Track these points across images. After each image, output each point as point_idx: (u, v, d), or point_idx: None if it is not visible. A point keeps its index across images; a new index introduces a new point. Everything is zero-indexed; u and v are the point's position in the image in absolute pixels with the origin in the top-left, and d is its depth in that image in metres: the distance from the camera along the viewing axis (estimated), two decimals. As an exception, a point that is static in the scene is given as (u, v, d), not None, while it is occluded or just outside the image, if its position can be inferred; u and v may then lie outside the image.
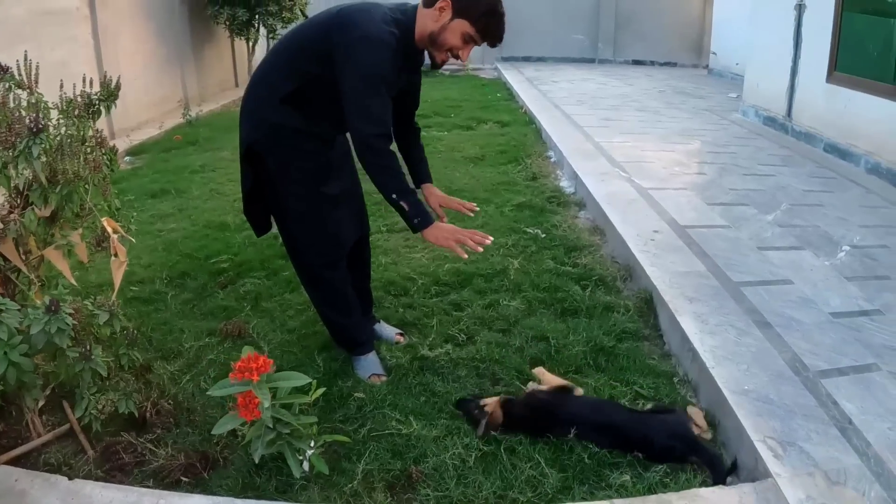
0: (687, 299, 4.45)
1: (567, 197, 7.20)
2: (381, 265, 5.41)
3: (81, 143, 3.29)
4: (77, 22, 10.76)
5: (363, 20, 3.29)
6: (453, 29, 3.35)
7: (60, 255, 3.25)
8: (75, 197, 3.15)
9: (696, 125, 11.01)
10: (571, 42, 22.27)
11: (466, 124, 11.50)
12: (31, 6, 9.57)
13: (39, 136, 2.94)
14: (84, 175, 3.14)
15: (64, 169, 3.06)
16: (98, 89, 3.63)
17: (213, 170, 8.94)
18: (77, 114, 3.44)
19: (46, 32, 9.61)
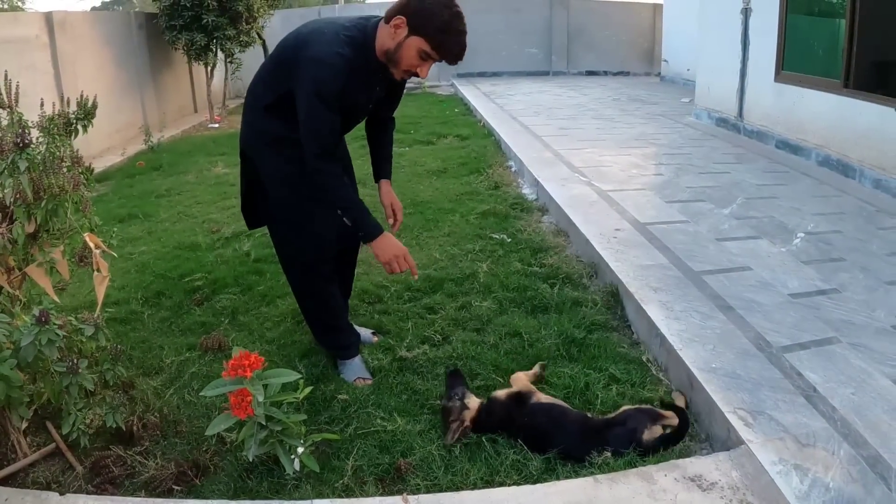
0: (652, 289, 4.61)
1: (530, 203, 7.35)
2: (354, 275, 5.51)
3: (60, 162, 3.36)
4: (36, 49, 10.82)
5: (315, 41, 3.39)
6: (409, 46, 3.36)
7: (43, 273, 3.28)
8: (60, 211, 3.19)
9: (651, 130, 11.26)
10: (526, 56, 22.58)
11: (427, 139, 11.67)
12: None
13: (25, 150, 3.02)
14: (69, 189, 3.20)
15: (49, 184, 3.12)
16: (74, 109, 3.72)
17: (179, 193, 9.04)
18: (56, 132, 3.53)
19: (5, 60, 9.44)
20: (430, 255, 5.90)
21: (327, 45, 3.35)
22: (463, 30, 3.36)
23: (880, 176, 7.29)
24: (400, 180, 8.54)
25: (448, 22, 3.30)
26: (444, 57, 3.40)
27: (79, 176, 3.45)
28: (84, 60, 12.39)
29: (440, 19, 3.29)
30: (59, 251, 3.38)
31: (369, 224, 3.57)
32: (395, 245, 3.60)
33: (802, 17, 9.36)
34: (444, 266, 5.61)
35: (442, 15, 3.29)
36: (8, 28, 10.44)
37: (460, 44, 3.38)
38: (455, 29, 3.33)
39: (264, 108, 3.63)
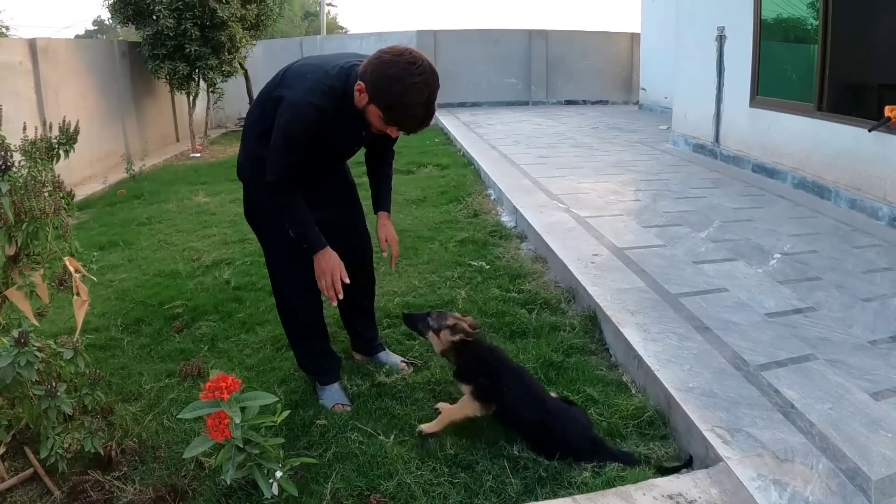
0: (629, 312, 4.64)
1: (508, 231, 7.38)
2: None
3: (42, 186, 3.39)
4: (19, 76, 10.92)
5: (297, 86, 3.47)
6: (371, 112, 3.35)
7: (23, 296, 3.29)
8: (41, 234, 3.22)
9: (628, 157, 11.36)
10: (505, 86, 22.75)
11: (407, 169, 11.72)
12: None
13: (7, 173, 3.04)
14: (49, 213, 3.21)
15: (30, 206, 3.14)
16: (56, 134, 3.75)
17: (160, 221, 9.10)
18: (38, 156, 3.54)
19: None
20: (409, 282, 5.91)
21: (304, 92, 3.40)
22: (418, 102, 3.25)
23: (855, 196, 7.37)
24: (379, 209, 8.60)
25: (399, 96, 3.23)
26: (401, 129, 3.41)
27: (60, 200, 3.47)
28: (67, 88, 12.48)
29: (392, 95, 3.24)
30: (39, 275, 3.40)
31: (312, 239, 3.61)
32: (330, 262, 3.61)
33: (776, 43, 9.50)
34: (423, 293, 5.62)
35: (394, 90, 3.22)
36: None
37: (415, 118, 3.31)
38: (408, 104, 3.25)
39: (260, 132, 3.67)
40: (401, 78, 3.21)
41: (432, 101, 3.30)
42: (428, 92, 3.25)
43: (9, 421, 3.15)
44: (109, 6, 15.56)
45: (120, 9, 15.35)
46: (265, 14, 17.04)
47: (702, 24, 11.15)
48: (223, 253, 7.10)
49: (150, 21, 15.09)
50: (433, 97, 3.29)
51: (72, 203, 3.73)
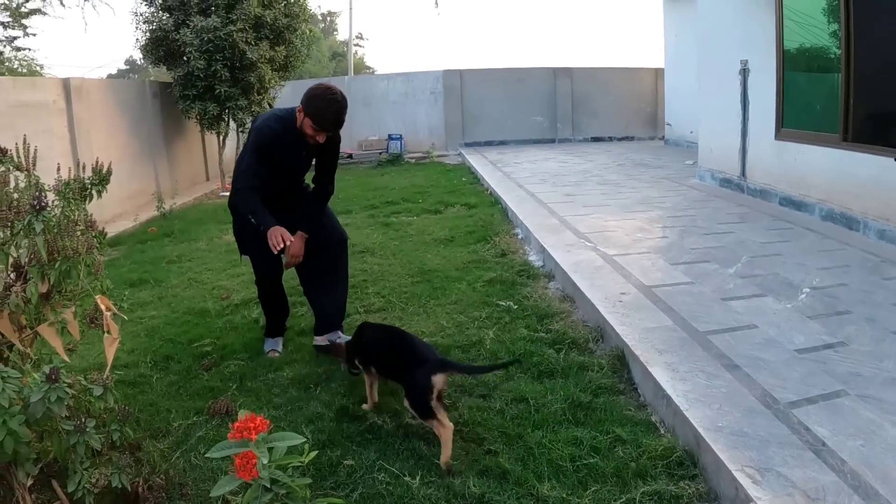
0: (657, 352, 4.62)
1: (536, 270, 7.38)
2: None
3: (75, 225, 3.44)
4: (53, 115, 11.11)
5: (260, 117, 5.37)
6: (305, 124, 4.95)
7: (54, 333, 3.33)
8: (73, 273, 3.27)
9: (655, 193, 11.34)
10: (531, 124, 22.79)
11: (434, 208, 11.79)
12: (8, 98, 9.95)
13: (42, 213, 3.11)
14: (82, 252, 3.27)
15: (63, 246, 3.20)
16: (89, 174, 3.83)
17: (190, 259, 9.20)
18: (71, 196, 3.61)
19: (22, 124, 9.84)
20: (437, 322, 5.93)
21: (263, 120, 5.22)
22: (331, 110, 4.88)
23: (884, 227, 7.34)
24: (407, 249, 8.67)
25: (321, 109, 4.87)
26: (323, 129, 4.95)
27: (92, 239, 3.53)
28: (99, 126, 12.69)
29: (315, 106, 4.87)
30: (71, 312, 3.45)
31: (264, 221, 4.96)
32: (276, 230, 4.90)
33: (800, 73, 9.48)
34: (451, 333, 5.64)
35: (316, 103, 4.87)
36: (27, 93, 10.73)
37: (328, 120, 4.91)
38: (325, 109, 4.87)
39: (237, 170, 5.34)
40: (321, 96, 4.88)
41: (341, 113, 4.93)
42: (337, 106, 4.89)
43: (37, 454, 3.17)
44: (141, 47, 15.81)
45: (151, 50, 15.60)
46: (293, 55, 17.21)
47: (724, 58, 11.17)
48: (252, 292, 7.10)
49: (181, 62, 15.35)
50: (342, 111, 4.92)
51: (104, 242, 3.81)
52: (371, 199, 13.36)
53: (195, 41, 14.75)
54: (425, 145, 22.13)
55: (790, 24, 9.34)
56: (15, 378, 2.94)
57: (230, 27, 14.84)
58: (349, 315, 6.16)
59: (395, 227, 10.27)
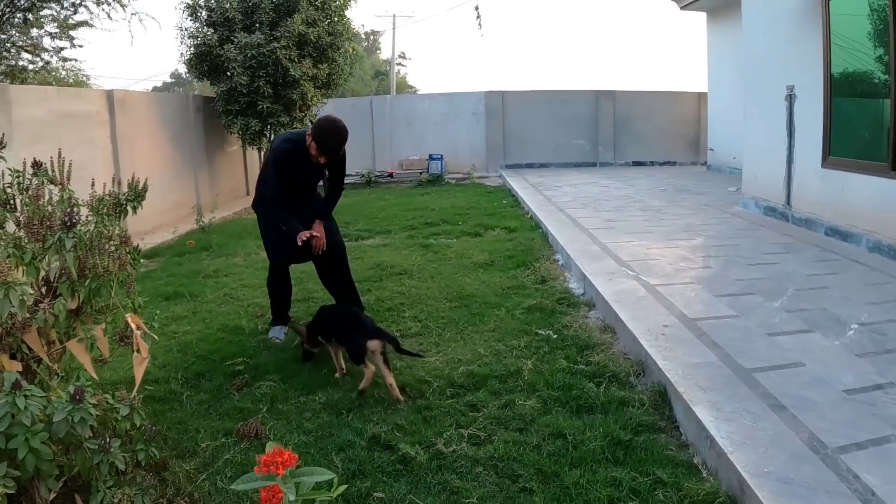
0: (701, 389, 4.49)
1: (576, 298, 7.26)
2: (397, 369, 5.46)
3: (108, 241, 3.41)
4: (96, 126, 11.29)
5: (276, 139, 6.54)
6: (312, 146, 5.90)
7: (83, 349, 3.31)
8: (104, 291, 3.27)
9: (698, 221, 11.18)
10: (573, 147, 22.74)
11: (474, 231, 11.71)
12: (52, 108, 10.10)
13: (73, 229, 3.09)
14: (113, 270, 3.25)
15: (94, 263, 3.17)
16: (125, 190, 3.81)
17: (227, 275, 9.22)
18: (105, 212, 3.58)
19: (66, 134, 10.10)
20: (474, 350, 5.83)
21: (279, 142, 6.21)
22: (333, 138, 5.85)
23: (935, 260, 7.12)
24: (446, 273, 8.59)
25: (325, 136, 5.82)
26: (325, 153, 5.91)
27: (126, 256, 3.51)
28: (141, 138, 12.86)
29: (319, 135, 5.83)
30: (101, 328, 3.44)
31: (293, 228, 6.10)
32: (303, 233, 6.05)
33: (847, 99, 9.30)
34: (488, 362, 5.53)
35: (321, 131, 5.82)
36: (71, 103, 10.89)
37: (330, 147, 5.89)
38: (328, 138, 5.84)
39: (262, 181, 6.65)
40: (327, 126, 5.84)
41: (341, 143, 5.94)
42: (338, 137, 5.87)
43: (60, 467, 3.12)
44: (186, 61, 15.94)
45: (195, 65, 15.79)
46: (336, 73, 17.31)
47: (770, 83, 11.01)
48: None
49: (224, 77, 15.52)
50: (342, 141, 5.93)
51: (138, 258, 3.80)
52: (410, 219, 13.35)
53: (239, 57, 14.92)
54: (466, 166, 22.12)
55: (837, 49, 9.17)
56: (38, 397, 2.92)
57: (274, 44, 14.99)
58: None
59: (433, 249, 10.22)
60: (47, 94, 10.77)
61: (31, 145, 9.38)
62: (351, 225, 12.79)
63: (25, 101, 9.85)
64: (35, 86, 16.59)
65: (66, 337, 3.40)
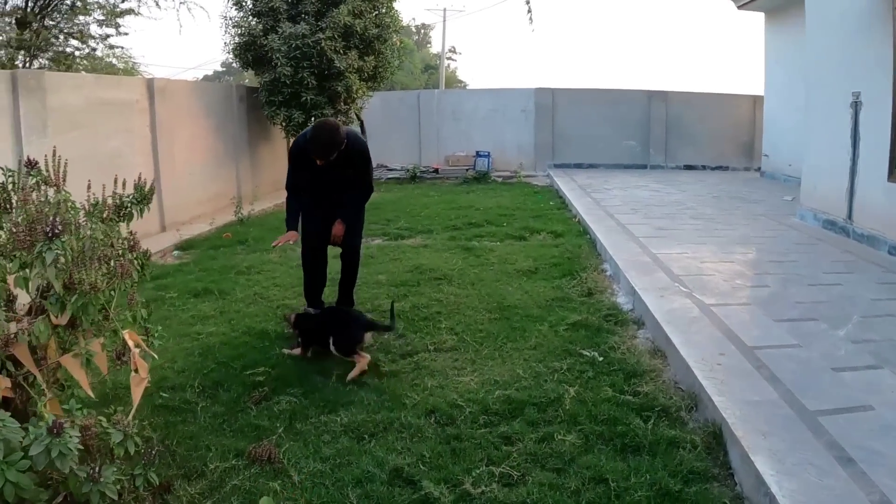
0: (760, 434, 4.05)
1: (625, 315, 6.83)
2: (427, 388, 5.14)
3: (110, 247, 3.24)
4: (135, 114, 11.25)
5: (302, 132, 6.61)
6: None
7: (78, 365, 3.10)
8: (91, 309, 3.03)
9: (753, 232, 10.68)
10: (623, 148, 22.28)
11: (519, 234, 11.34)
12: (90, 95, 10.06)
13: (55, 241, 2.87)
14: (101, 287, 3.02)
15: (80, 279, 2.93)
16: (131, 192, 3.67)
17: (259, 272, 8.98)
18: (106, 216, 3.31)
19: (103, 122, 10.14)
20: (512, 370, 5.44)
21: (299, 135, 6.51)
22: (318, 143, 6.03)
23: None
24: (487, 279, 8.26)
25: (312, 139, 6.07)
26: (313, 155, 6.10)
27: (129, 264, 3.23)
28: (182, 128, 12.77)
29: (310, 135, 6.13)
30: (99, 343, 3.21)
31: (288, 223, 6.55)
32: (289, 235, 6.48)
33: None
34: (526, 386, 5.13)
35: (311, 132, 6.13)
36: (110, 91, 10.81)
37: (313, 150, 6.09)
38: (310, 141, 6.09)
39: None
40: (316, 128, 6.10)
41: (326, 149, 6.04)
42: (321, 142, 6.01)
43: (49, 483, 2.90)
44: (231, 51, 15.75)
45: (240, 54, 15.60)
46: (383, 66, 17.01)
47: (834, 89, 10.46)
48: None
49: (268, 68, 15.29)
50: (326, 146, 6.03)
51: (147, 263, 3.56)
52: (454, 219, 13.03)
53: (283, 47, 14.72)
54: (513, 164, 21.73)
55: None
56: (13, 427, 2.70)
57: (319, 35, 14.75)
58: (417, 352, 5.92)
59: (476, 252, 9.85)
60: (85, 82, 10.71)
61: (67, 132, 9.39)
62: (392, 223, 12.48)
63: (61, 88, 9.71)
64: (72, 73, 16.69)
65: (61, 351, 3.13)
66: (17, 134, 8.77)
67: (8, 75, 8.88)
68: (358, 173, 6.51)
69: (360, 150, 6.50)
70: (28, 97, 8.93)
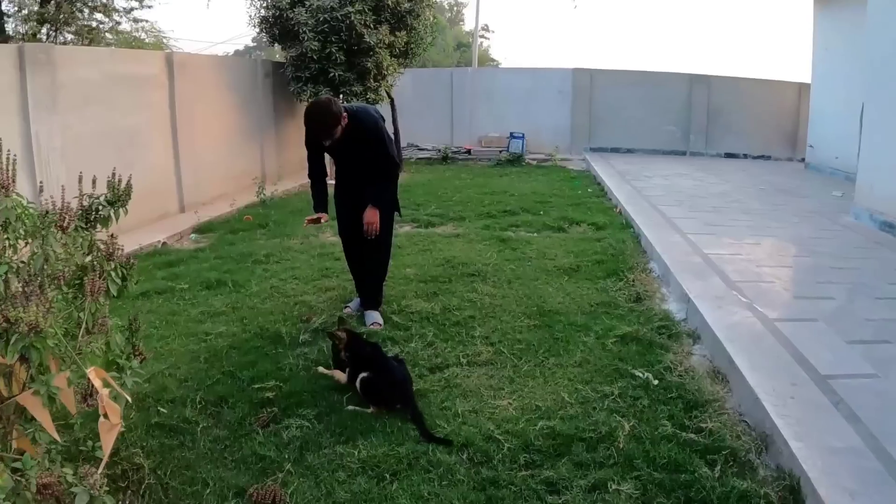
0: (847, 493, 3.42)
1: (677, 325, 6.18)
2: (459, 415, 4.54)
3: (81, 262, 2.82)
4: (154, 89, 10.91)
5: None
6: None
7: (39, 403, 2.56)
8: (34, 355, 2.49)
9: (807, 232, 10.00)
10: (662, 133, 21.61)
11: (557, 225, 10.72)
12: (105, 70, 9.71)
13: None
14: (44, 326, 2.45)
15: (17, 318, 2.40)
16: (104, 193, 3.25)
17: (279, 261, 8.49)
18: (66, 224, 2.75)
19: (119, 98, 9.82)
20: (556, 393, 4.83)
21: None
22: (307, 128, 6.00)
23: None
24: (525, 277, 7.68)
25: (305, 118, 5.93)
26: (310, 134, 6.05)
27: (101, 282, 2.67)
28: (203, 103, 12.37)
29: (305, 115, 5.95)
30: (65, 377, 2.65)
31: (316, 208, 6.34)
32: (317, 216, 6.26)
33: None
34: (573, 415, 4.51)
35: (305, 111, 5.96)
36: (126, 65, 10.45)
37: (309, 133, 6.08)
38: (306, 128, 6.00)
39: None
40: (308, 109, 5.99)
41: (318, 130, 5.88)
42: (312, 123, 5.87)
43: None
44: (256, 24, 15.24)
45: (266, 28, 15.06)
46: (415, 42, 16.37)
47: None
48: (334, 316, 6.28)
49: (295, 42, 14.69)
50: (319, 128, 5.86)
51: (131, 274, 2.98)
52: (487, 204, 12.45)
53: (310, 21, 14.12)
54: (548, 147, 21.05)
55: None
56: None
57: (348, 8, 14.11)
58: (448, 366, 5.32)
59: (512, 244, 9.26)
60: (99, 56, 10.33)
61: (79, 109, 8.99)
62: (422, 208, 11.90)
63: (73, 63, 9.27)
64: (85, 47, 16.49)
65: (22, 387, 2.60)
66: (25, 111, 8.31)
67: (14, 49, 8.44)
68: (376, 153, 6.17)
69: (370, 126, 6.14)
70: (36, 72, 8.47)
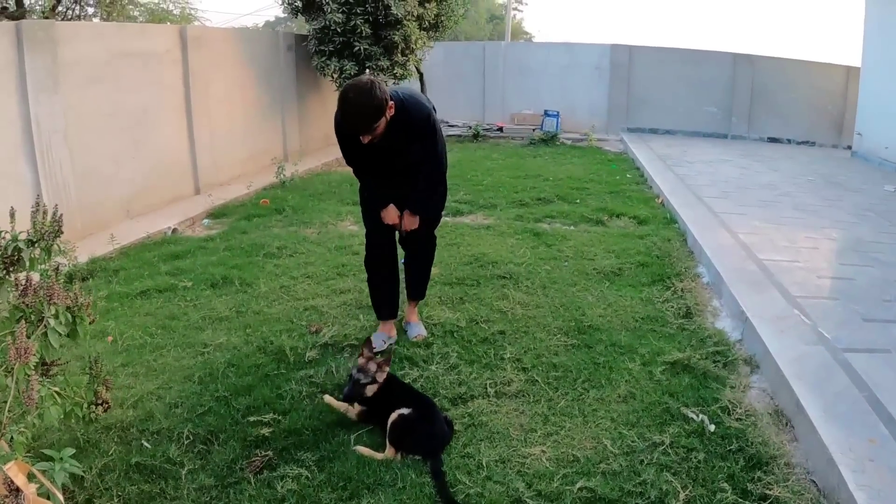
0: None
1: (733, 349, 5.41)
2: (483, 466, 3.87)
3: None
4: (166, 65, 10.45)
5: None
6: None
7: None
8: None
9: (866, 234, 9.12)
10: (703, 115, 20.83)
11: (596, 217, 9.96)
12: (112, 46, 9.26)
13: None
14: None
15: None
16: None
17: (292, 255, 7.88)
18: None
19: (127, 75, 9.41)
20: (597, 439, 4.14)
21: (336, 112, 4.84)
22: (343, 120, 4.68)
23: None
24: (562, 281, 6.98)
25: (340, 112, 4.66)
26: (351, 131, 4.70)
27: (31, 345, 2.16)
28: (219, 79, 11.88)
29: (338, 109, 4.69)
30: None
31: (378, 201, 5.28)
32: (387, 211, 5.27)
33: None
34: (617, 471, 3.81)
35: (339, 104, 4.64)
36: (135, 41, 9.94)
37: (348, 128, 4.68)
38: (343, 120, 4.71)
39: None
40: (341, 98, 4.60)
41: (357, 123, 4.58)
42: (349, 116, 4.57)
43: None
44: (279, -5, 14.63)
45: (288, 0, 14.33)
46: (446, 14, 15.73)
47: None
48: (350, 326, 5.72)
49: (318, 14, 14.04)
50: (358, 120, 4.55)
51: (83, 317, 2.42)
52: (520, 190, 11.76)
53: (334, -9, 13.38)
54: (583, 126, 20.29)
55: None
56: None
57: (374, -23, 13.36)
58: (474, 397, 4.65)
59: (547, 239, 8.55)
60: (105, 31, 9.74)
61: (85, 87, 8.52)
62: (451, 193, 11.15)
63: (76, 39, 8.73)
64: (88, 22, 16.08)
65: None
66: (23, 91, 7.79)
67: (12, 27, 7.89)
68: (425, 147, 5.06)
69: (424, 116, 4.97)
70: (35, 50, 7.95)
